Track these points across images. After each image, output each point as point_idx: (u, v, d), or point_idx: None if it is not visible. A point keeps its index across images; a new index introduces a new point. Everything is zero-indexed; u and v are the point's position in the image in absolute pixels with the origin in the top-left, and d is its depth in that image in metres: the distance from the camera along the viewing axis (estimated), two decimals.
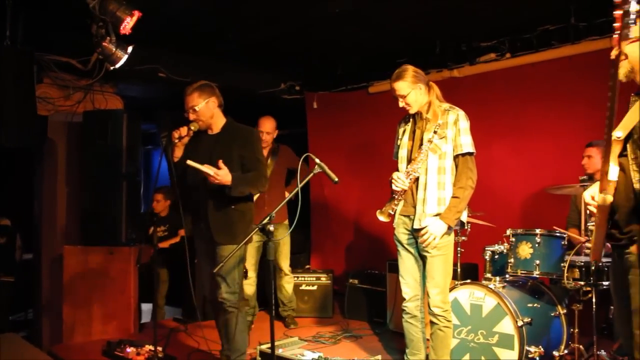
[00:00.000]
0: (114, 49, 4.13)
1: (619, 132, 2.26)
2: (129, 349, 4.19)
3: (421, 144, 3.49)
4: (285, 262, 5.47)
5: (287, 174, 5.42)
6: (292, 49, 5.76)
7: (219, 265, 3.03)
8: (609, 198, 2.31)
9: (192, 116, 3.57)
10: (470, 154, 3.45)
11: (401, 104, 3.51)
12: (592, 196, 2.42)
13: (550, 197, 4.73)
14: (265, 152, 5.37)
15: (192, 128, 3.53)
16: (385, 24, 5.01)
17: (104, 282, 5.08)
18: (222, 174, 3.38)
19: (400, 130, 3.69)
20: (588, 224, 3.75)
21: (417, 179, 3.47)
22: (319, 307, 5.79)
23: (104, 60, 4.36)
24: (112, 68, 4.33)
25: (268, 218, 2.80)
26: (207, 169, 3.36)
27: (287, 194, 5.53)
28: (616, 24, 2.14)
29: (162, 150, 3.75)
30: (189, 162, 3.40)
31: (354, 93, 6.66)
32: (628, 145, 2.29)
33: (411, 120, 3.63)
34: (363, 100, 6.54)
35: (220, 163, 3.38)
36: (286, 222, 5.47)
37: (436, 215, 3.41)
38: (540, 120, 5.11)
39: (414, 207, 3.49)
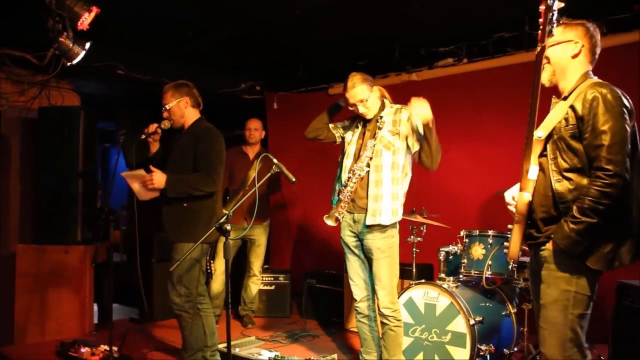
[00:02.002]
0: (71, 45, 4.06)
1: (540, 132, 2.41)
2: (83, 349, 4.13)
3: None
4: (257, 263, 5.49)
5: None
6: (253, 50, 5.76)
7: (174, 265, 3.02)
8: (526, 196, 2.44)
9: (164, 114, 3.67)
10: None
11: (362, 109, 3.56)
12: (513, 196, 2.59)
13: (503, 200, 4.84)
14: (251, 153, 5.41)
15: (162, 126, 3.64)
16: (346, 28, 5.07)
17: (58, 281, 4.99)
18: (155, 178, 3.45)
19: (352, 126, 3.78)
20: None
21: (367, 176, 3.53)
22: (277, 306, 5.82)
23: (61, 56, 4.28)
24: (69, 64, 4.26)
25: (225, 217, 2.81)
26: (139, 174, 3.48)
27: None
28: (540, 19, 2.28)
29: (120, 147, 3.74)
30: (122, 174, 3.54)
31: (314, 94, 6.70)
32: (548, 146, 2.43)
33: (360, 122, 3.71)
34: (323, 102, 6.51)
35: (152, 167, 3.48)
36: (266, 223, 5.50)
37: (392, 210, 3.48)
38: (494, 124, 5.24)
39: (365, 205, 3.55)
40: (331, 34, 5.25)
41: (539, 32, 2.31)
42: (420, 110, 3.31)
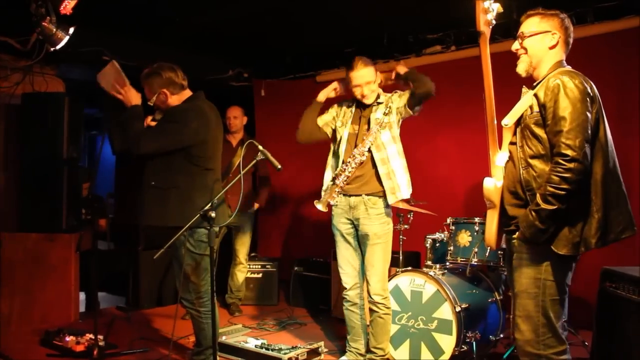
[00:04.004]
0: (54, 30, 3.98)
1: (507, 120, 2.52)
2: (68, 338, 4.11)
3: (369, 127, 3.56)
4: (242, 250, 5.46)
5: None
6: (240, 36, 5.71)
7: (158, 253, 2.94)
8: (492, 183, 2.51)
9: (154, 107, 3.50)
10: None
11: (367, 91, 3.56)
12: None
13: None
14: (234, 141, 5.38)
15: (155, 118, 3.48)
16: (334, 14, 5.03)
17: (43, 269, 4.95)
18: (127, 91, 3.35)
19: (342, 111, 3.75)
20: None
21: (371, 158, 3.54)
22: (264, 294, 5.82)
23: (44, 41, 4.22)
24: (52, 49, 4.19)
25: (210, 204, 2.79)
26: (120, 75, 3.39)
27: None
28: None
29: (103, 134, 3.68)
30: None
31: (302, 81, 6.66)
32: (517, 133, 2.52)
33: (354, 107, 3.68)
34: (311, 89, 6.48)
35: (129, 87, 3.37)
36: (252, 210, 5.47)
37: (407, 181, 3.62)
38: (481, 111, 5.20)
39: (361, 189, 3.58)
40: (318, 20, 5.21)
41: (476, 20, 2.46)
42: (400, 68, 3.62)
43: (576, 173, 2.28)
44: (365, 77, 3.54)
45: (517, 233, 2.48)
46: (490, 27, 2.45)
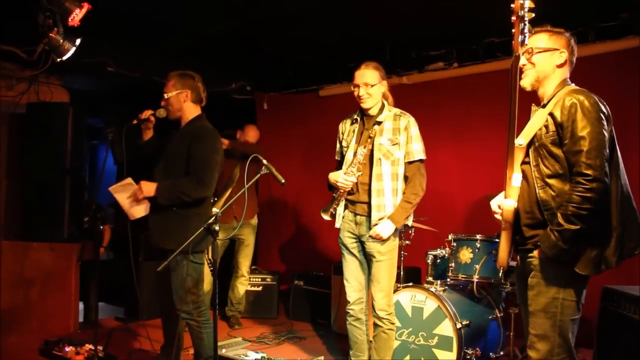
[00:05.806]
0: (61, 41, 4.02)
1: (521, 140, 2.48)
2: (68, 348, 4.10)
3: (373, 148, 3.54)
4: (244, 263, 5.47)
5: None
6: (243, 49, 5.75)
7: (162, 265, 2.94)
8: (511, 204, 2.48)
9: (162, 102, 3.53)
10: (421, 160, 3.54)
11: (363, 92, 3.48)
12: (499, 205, 2.61)
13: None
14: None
15: (157, 114, 3.49)
16: (337, 29, 5.07)
17: (43, 279, 4.94)
18: (143, 187, 3.36)
19: (346, 130, 3.71)
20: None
21: (369, 184, 3.51)
22: (264, 307, 5.80)
23: (51, 52, 4.25)
24: (59, 60, 4.23)
25: (214, 218, 2.80)
26: (127, 184, 3.40)
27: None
28: (513, 30, 2.37)
29: (108, 144, 3.70)
30: (110, 188, 3.46)
31: (304, 95, 6.70)
32: (530, 153, 2.50)
33: (358, 121, 3.66)
34: (314, 103, 6.59)
35: (140, 181, 3.41)
36: (254, 222, 5.48)
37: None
38: (483, 128, 5.27)
39: (368, 211, 3.52)
40: (321, 35, 5.25)
41: (513, 42, 2.39)
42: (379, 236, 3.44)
43: (598, 192, 2.28)
44: (365, 76, 3.47)
45: (535, 252, 2.46)
46: (523, 47, 2.43)
